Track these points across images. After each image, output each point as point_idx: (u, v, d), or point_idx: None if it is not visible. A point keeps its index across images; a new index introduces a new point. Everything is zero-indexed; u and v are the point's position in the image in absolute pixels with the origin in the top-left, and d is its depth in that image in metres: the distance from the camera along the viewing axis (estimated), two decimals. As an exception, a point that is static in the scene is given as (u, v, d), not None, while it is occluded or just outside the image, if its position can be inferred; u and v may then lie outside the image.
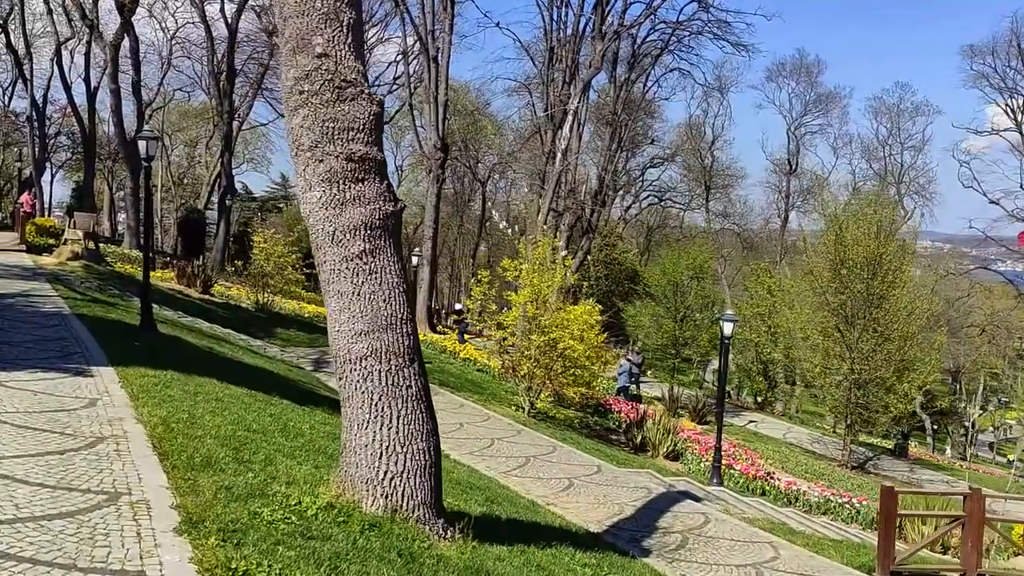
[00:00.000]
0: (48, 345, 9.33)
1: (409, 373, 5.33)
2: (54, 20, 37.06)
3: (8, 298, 13.07)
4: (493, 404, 18.50)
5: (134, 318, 13.88)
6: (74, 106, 36.61)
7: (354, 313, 5.19)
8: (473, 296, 19.49)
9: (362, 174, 5.20)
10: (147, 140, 12.38)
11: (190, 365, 10.38)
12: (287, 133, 5.36)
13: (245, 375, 11.78)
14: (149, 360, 9.49)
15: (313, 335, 23.55)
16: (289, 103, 5.25)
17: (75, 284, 16.73)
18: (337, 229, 5.15)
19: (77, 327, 10.91)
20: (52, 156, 48.88)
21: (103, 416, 6.41)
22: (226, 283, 29.57)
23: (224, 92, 38.55)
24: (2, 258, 19.96)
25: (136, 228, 36.76)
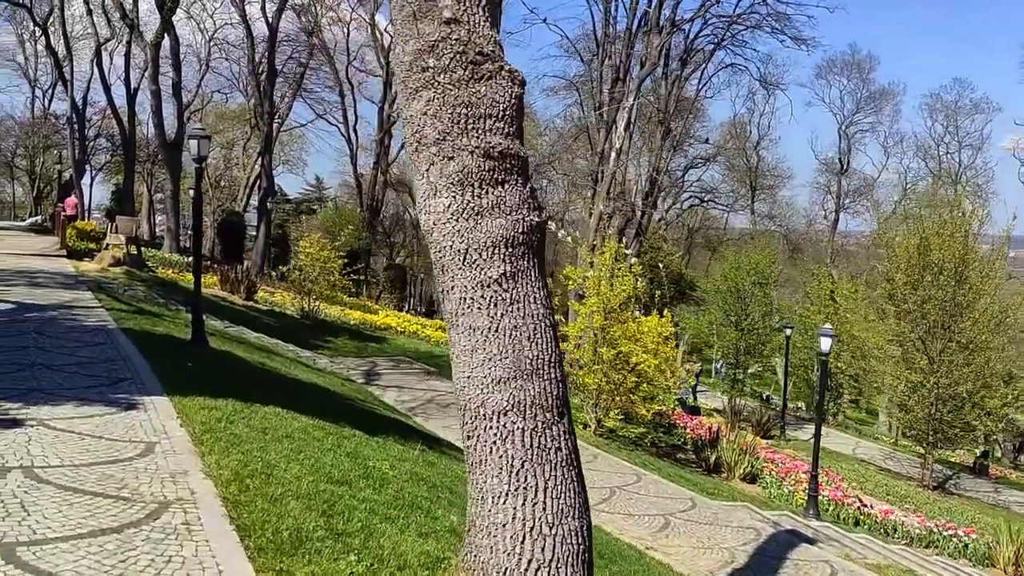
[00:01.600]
0: (94, 369, 8.29)
1: (558, 432, 4.14)
2: (94, 21, 36.60)
3: (50, 310, 12.12)
4: (557, 421, 17.27)
5: (182, 330, 12.91)
6: (114, 108, 36.10)
7: (490, 354, 4.01)
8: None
9: (502, 174, 4.03)
10: (199, 139, 11.36)
11: (247, 388, 9.32)
12: (404, 123, 4.20)
13: (305, 398, 10.70)
14: (205, 384, 8.43)
15: (361, 344, 22.58)
16: (408, 84, 4.09)
17: (119, 292, 15.82)
18: (471, 247, 3.98)
19: (124, 344, 9.90)
20: (91, 158, 48.62)
21: (164, 468, 5.31)
22: (268, 288, 28.72)
23: (264, 92, 37.82)
24: (44, 264, 19.18)
25: (176, 231, 36.16)
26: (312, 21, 44.54)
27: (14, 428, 5.78)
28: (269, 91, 38.06)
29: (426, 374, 19.94)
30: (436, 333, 27.45)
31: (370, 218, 50.76)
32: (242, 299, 23.47)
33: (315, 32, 44.51)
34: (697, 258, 66.87)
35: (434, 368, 20.87)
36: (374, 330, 25.50)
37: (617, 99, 29.81)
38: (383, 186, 53.56)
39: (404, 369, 20.35)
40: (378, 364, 20.28)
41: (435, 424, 14.89)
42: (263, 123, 38.72)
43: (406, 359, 21.69)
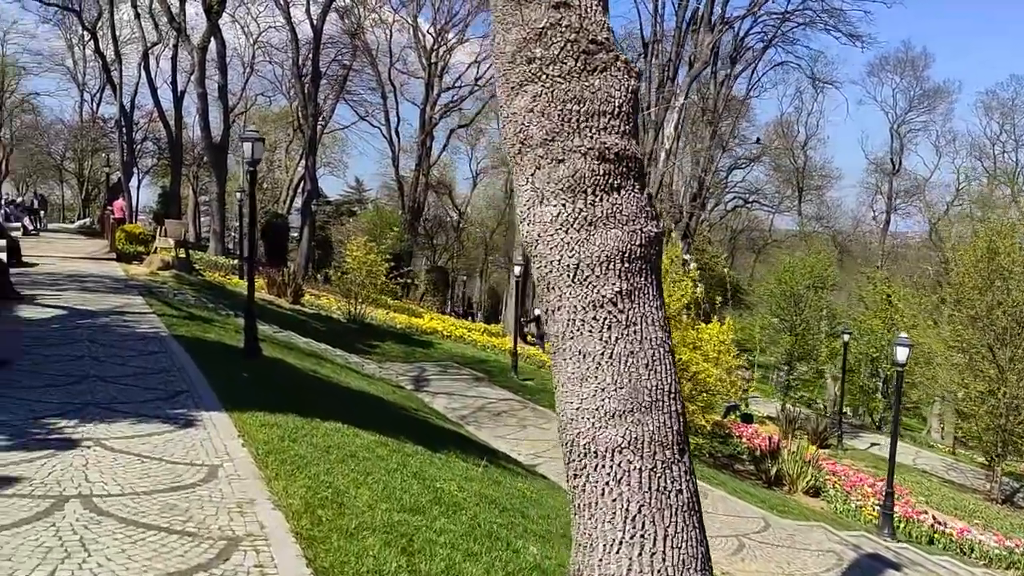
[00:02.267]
0: (149, 380, 7.98)
1: (679, 472, 3.65)
2: (141, 25, 36.81)
3: (102, 316, 11.92)
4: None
5: (233, 337, 12.63)
6: (160, 111, 36.27)
7: (603, 384, 3.53)
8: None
9: (618, 179, 3.55)
10: (253, 142, 11.05)
11: (304, 399, 8.97)
12: (504, 122, 3.73)
13: (361, 409, 10.34)
14: (262, 397, 8.09)
15: (408, 348, 22.25)
16: (510, 78, 3.63)
17: (169, 297, 15.65)
18: (582, 262, 3.50)
19: (178, 353, 9.61)
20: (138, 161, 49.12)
21: (230, 496, 4.92)
22: (314, 291, 28.56)
23: (308, 95, 37.78)
24: (94, 267, 19.13)
25: (221, 233, 36.24)
26: (355, 23, 44.48)
27: (70, 450, 5.45)
28: (313, 93, 38.01)
29: (475, 380, 19.53)
30: (482, 337, 27.09)
31: (412, 220, 50.61)
32: (289, 302, 23.29)
33: (358, 34, 44.45)
34: (740, 260, 65.70)
35: (482, 374, 20.45)
36: (420, 334, 25.17)
37: (666, 99, 29.18)
38: (424, 188, 53.41)
39: (452, 375, 19.95)
40: (426, 370, 19.92)
41: (488, 434, 14.49)
42: (307, 125, 38.69)
43: (454, 364, 21.31)
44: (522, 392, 19.13)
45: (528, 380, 21.15)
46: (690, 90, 29.31)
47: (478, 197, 71.62)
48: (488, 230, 66.75)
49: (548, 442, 14.36)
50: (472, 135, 65.26)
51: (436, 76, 52.97)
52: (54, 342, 9.46)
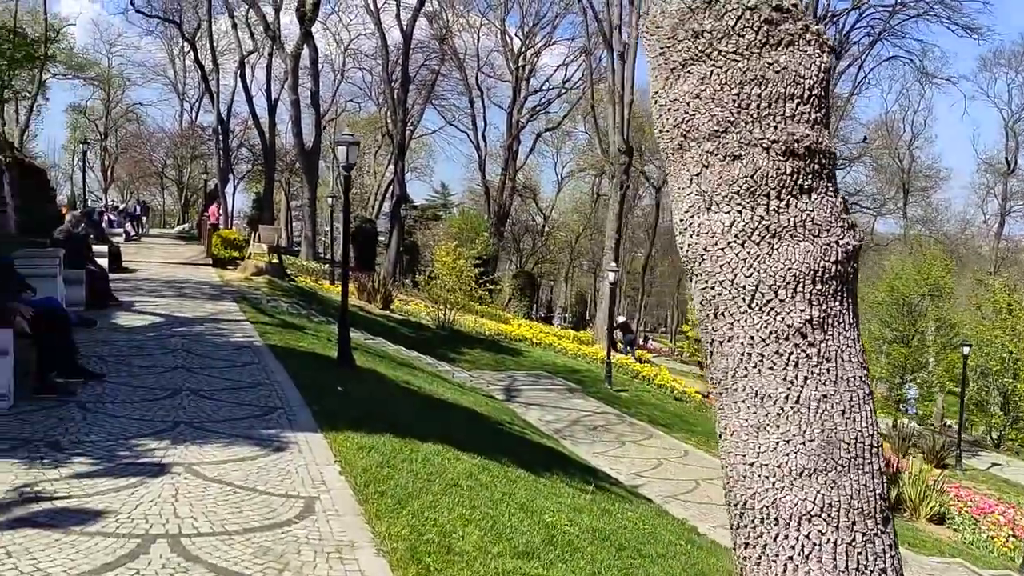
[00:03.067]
0: (243, 395, 7.63)
1: (882, 547, 2.90)
2: (238, 35, 37.69)
3: (197, 324, 11.79)
4: (715, 449, 15.83)
5: (325, 345, 12.34)
6: (255, 118, 37.01)
7: (788, 435, 2.83)
8: (691, 320, 16.90)
9: (809, 179, 2.86)
10: (347, 145, 10.70)
11: (399, 415, 8.51)
12: (659, 111, 3.09)
13: (457, 424, 9.82)
14: (357, 413, 7.65)
15: (498, 356, 21.78)
16: (669, 57, 2.97)
17: (262, 303, 15.56)
18: (763, 282, 2.81)
19: (271, 365, 9.29)
20: (234, 168, 50.42)
21: (328, 537, 4.41)
22: (403, 296, 28.45)
23: (398, 99, 37.91)
24: (191, 273, 19.35)
25: (312, 238, 36.67)
26: (443, 27, 44.53)
27: (160, 476, 5.05)
28: (402, 98, 38.14)
29: (568, 391, 18.87)
30: (572, 345, 26.41)
31: (497, 224, 50.34)
32: (379, 308, 23.15)
33: (446, 39, 44.49)
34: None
35: (575, 384, 19.79)
36: (509, 341, 24.68)
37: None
38: (511, 192, 53.09)
39: (544, 385, 19.35)
40: (517, 379, 19.38)
41: (585, 450, 13.81)
42: (396, 130, 38.83)
43: (545, 374, 20.71)
44: (617, 404, 18.38)
45: (622, 391, 20.39)
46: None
47: (563, 201, 71.02)
48: (573, 234, 66.01)
49: (648, 460, 13.60)
50: (558, 138, 64.74)
51: (523, 79, 52.68)
52: (150, 352, 9.27)
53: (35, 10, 42.78)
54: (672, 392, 22.52)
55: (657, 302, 77.81)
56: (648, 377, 23.53)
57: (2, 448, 5.28)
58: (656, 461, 13.62)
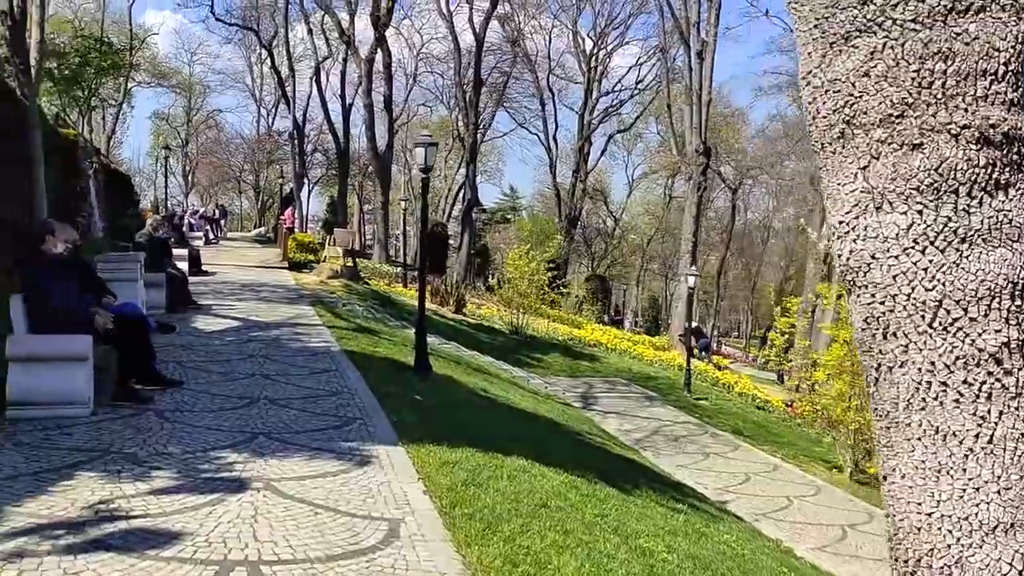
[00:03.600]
0: (321, 404, 7.40)
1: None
2: (314, 41, 38.18)
3: (274, 328, 11.70)
4: (806, 463, 15.10)
5: (401, 351, 12.12)
6: (330, 123, 37.47)
7: (978, 480, 2.34)
8: (777, 327, 16.17)
9: (1007, 173, 2.37)
10: (426, 146, 10.44)
11: (480, 425, 8.18)
12: (814, 94, 2.63)
13: (537, 434, 9.44)
14: (437, 424, 7.36)
15: (572, 362, 21.33)
16: (829, 29, 2.51)
17: (338, 307, 15.47)
18: (948, 296, 2.34)
19: (348, 372, 9.07)
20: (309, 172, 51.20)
21: (415, 567, 4.08)
22: (475, 300, 28.25)
23: (470, 102, 37.83)
24: (267, 276, 19.47)
25: (385, 241, 36.87)
26: (515, 30, 44.32)
27: (239, 493, 4.80)
28: (474, 101, 38.04)
29: (646, 399, 18.31)
30: (648, 350, 25.77)
31: (568, 227, 49.85)
32: (451, 312, 22.96)
33: (518, 40, 44.25)
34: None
35: (653, 392, 19.20)
36: (583, 346, 24.20)
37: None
38: (582, 194, 52.55)
39: (621, 392, 18.83)
40: (593, 386, 18.90)
41: (668, 463, 13.27)
42: (467, 133, 38.77)
43: (621, 380, 20.17)
44: (698, 413, 17.74)
45: (702, 399, 19.71)
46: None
47: (634, 204, 70.06)
48: (644, 237, 65.03)
49: (735, 475, 12.98)
50: (629, 140, 63.91)
51: (595, 81, 52.08)
52: (227, 357, 9.16)
53: (121, 19, 44.18)
54: (754, 401, 21.71)
55: (729, 307, 76.09)
56: (728, 385, 22.75)
57: (81, 460, 5.12)
58: (744, 476, 12.98)
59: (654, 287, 74.77)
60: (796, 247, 61.33)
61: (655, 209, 65.75)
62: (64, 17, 39.22)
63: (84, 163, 22.09)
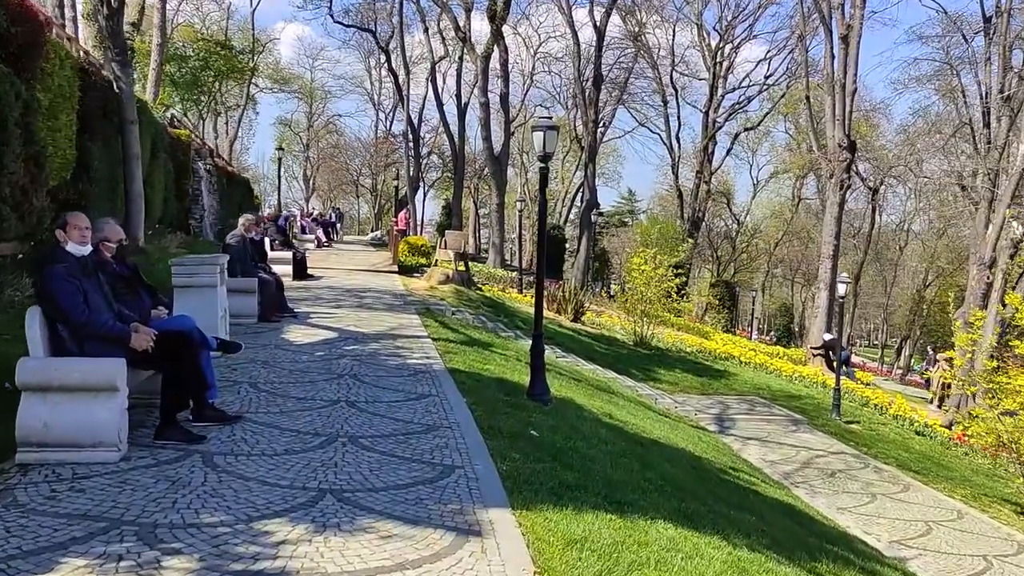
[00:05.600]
0: (413, 444, 5.91)
1: None
2: (429, 40, 37.46)
3: (372, 341, 10.38)
4: (992, 508, 12.63)
5: (515, 368, 10.59)
6: (445, 123, 36.66)
7: None
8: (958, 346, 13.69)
9: None
10: (544, 130, 8.85)
11: (609, 472, 6.51)
12: None
13: (681, 479, 7.66)
14: (557, 475, 5.73)
15: (702, 378, 19.25)
16: None
17: (446, 316, 14.12)
18: None
19: (451, 398, 7.57)
20: (424, 175, 50.75)
21: None
22: (595, 307, 26.49)
23: (589, 99, 36.13)
24: (375, 281, 18.41)
25: (500, 245, 35.63)
26: (637, 24, 42.30)
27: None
28: (594, 97, 36.32)
29: (792, 423, 16.11)
30: (786, 365, 23.32)
31: (691, 230, 47.32)
32: (569, 321, 21.33)
33: (640, 35, 42.19)
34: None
35: (799, 414, 16.95)
36: (713, 360, 22.05)
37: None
38: (706, 196, 49.88)
39: (761, 413, 16.68)
40: (728, 406, 16.83)
41: (826, 503, 11.18)
42: (587, 131, 37.06)
43: (760, 400, 17.99)
44: (852, 441, 15.42)
45: (853, 423, 17.31)
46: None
47: (758, 206, 66.45)
48: (771, 241, 61.42)
49: (911, 523, 10.76)
50: (754, 139, 60.57)
51: (720, 77, 49.33)
52: (312, 378, 7.83)
53: (245, 27, 44.93)
54: (912, 425, 19.01)
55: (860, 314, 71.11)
56: (880, 406, 20.10)
57: (75, 535, 3.77)
58: (923, 524, 10.74)
59: (779, 294, 70.78)
60: (938, 251, 56.42)
61: (782, 211, 62.09)
62: (190, 24, 40.05)
63: (197, 164, 21.74)
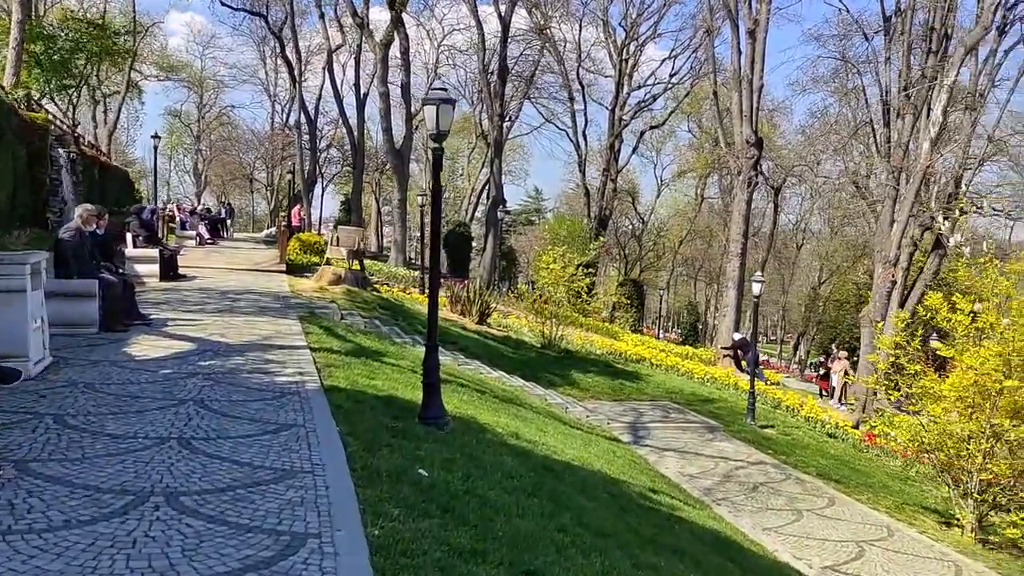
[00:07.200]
0: (256, 502, 4.44)
1: None
2: (326, 27, 35.46)
3: (236, 354, 8.77)
4: (917, 519, 11.98)
5: (408, 383, 9.17)
6: (343, 114, 34.74)
7: None
8: (879, 347, 13.02)
9: None
10: (438, 104, 7.45)
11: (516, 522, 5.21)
12: None
13: (596, 511, 6.43)
14: (448, 539, 4.39)
15: (615, 382, 18.27)
16: None
17: (333, 320, 12.57)
18: None
19: (322, 428, 6.11)
20: (323, 170, 48.49)
21: None
22: (501, 308, 25.24)
23: (495, 92, 34.89)
24: (258, 281, 16.62)
25: (402, 243, 33.98)
26: (543, 17, 41.32)
27: None
28: (499, 90, 35.10)
29: (708, 431, 15.24)
30: (698, 367, 22.65)
31: (598, 228, 46.74)
32: (474, 323, 19.99)
33: (545, 28, 41.21)
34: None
35: (714, 420, 16.13)
36: (624, 362, 21.12)
37: (929, 75, 23.56)
38: (612, 194, 49.45)
39: (676, 420, 15.77)
40: (642, 413, 15.86)
41: (750, 523, 10.23)
42: (492, 126, 35.81)
43: (673, 405, 17.12)
44: (771, 449, 14.65)
45: (767, 427, 16.63)
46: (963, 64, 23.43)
47: (663, 205, 66.93)
48: (676, 240, 61.78)
49: (842, 543, 9.90)
50: (658, 138, 60.75)
51: (626, 74, 48.95)
52: (143, 406, 6.23)
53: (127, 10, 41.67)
54: (823, 428, 18.53)
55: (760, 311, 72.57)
56: (792, 408, 19.60)
57: None
58: (854, 545, 9.89)
59: (686, 291, 71.49)
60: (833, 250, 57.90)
61: (686, 211, 62.57)
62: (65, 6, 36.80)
63: (57, 151, 19.38)
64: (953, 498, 12.16)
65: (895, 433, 13.25)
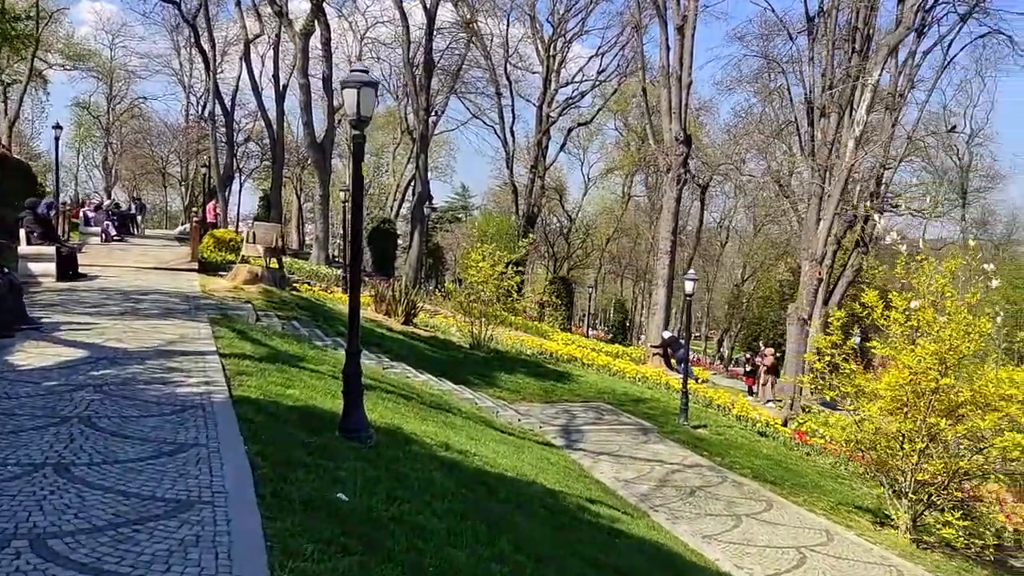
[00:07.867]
0: (141, 545, 3.73)
1: None
2: (243, 15, 34.01)
3: (135, 362, 7.90)
4: (852, 519, 11.85)
5: (327, 390, 8.48)
6: (261, 107, 33.38)
7: None
8: (819, 349, 12.84)
9: None
10: (359, 88, 6.76)
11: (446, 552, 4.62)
12: None
13: (532, 530, 5.88)
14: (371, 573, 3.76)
15: (546, 383, 17.81)
16: None
17: (247, 323, 11.70)
18: None
19: (226, 447, 5.39)
20: (242, 165, 46.75)
21: None
22: (428, 307, 24.53)
23: (420, 86, 34.05)
24: (166, 281, 15.52)
25: (325, 240, 32.88)
26: (470, 10, 40.66)
27: None
28: (425, 84, 34.29)
29: (642, 432, 14.90)
30: (630, 367, 22.40)
31: (526, 226, 46.36)
32: (399, 324, 19.25)
33: (472, 22, 40.56)
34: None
35: (647, 421, 15.81)
36: (555, 363, 20.70)
37: (853, 75, 23.86)
38: (540, 192, 49.13)
39: (610, 422, 15.39)
40: (575, 415, 15.43)
41: (689, 530, 9.86)
42: (418, 120, 34.99)
43: (606, 406, 16.75)
44: (706, 451, 14.38)
45: (700, 427, 16.41)
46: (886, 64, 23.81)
47: (590, 203, 67.06)
48: (603, 237, 61.98)
49: (782, 550, 9.61)
50: (585, 136, 60.81)
51: (554, 71, 48.68)
52: (20, 424, 5.40)
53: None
54: (755, 426, 18.47)
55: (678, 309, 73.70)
56: (723, 406, 19.51)
57: None
58: (795, 552, 9.61)
59: (613, 289, 71.89)
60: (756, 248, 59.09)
61: (613, 208, 62.84)
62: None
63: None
64: (887, 497, 12.07)
65: (829, 433, 13.13)
